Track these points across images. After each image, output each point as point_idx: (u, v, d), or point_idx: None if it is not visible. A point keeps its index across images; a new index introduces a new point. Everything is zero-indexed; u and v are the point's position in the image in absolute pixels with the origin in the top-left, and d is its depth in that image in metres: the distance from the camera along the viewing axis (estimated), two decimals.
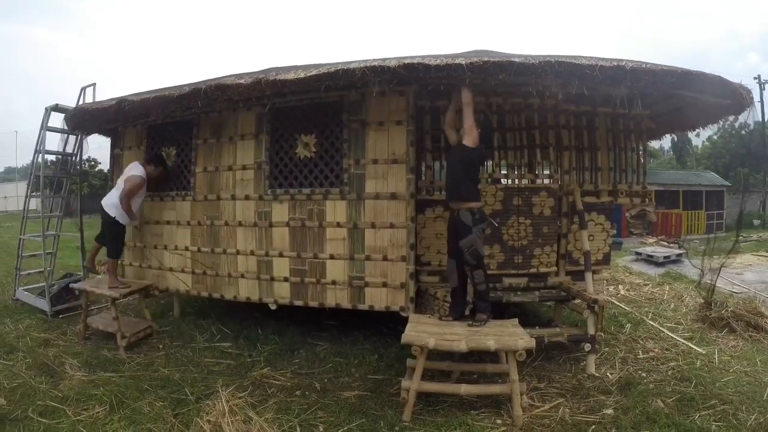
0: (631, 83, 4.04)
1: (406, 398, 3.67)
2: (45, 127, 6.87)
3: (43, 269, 6.78)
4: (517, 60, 3.99)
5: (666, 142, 36.97)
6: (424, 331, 3.87)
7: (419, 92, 4.60)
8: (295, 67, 4.82)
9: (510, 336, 3.80)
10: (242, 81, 4.64)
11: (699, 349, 5.04)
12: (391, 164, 4.76)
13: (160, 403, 3.89)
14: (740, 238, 16.87)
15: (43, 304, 6.44)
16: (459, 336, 3.79)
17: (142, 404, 3.86)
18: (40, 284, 6.88)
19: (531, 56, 4.15)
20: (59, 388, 4.18)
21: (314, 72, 4.36)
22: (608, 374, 4.44)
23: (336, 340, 5.21)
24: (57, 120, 6.89)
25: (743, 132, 33.16)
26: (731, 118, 5.40)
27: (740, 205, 19.99)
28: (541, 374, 4.43)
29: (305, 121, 5.05)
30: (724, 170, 29.46)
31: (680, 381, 4.28)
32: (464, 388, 3.78)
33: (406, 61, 4.10)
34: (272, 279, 5.20)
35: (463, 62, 3.98)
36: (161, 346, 5.22)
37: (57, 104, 6.89)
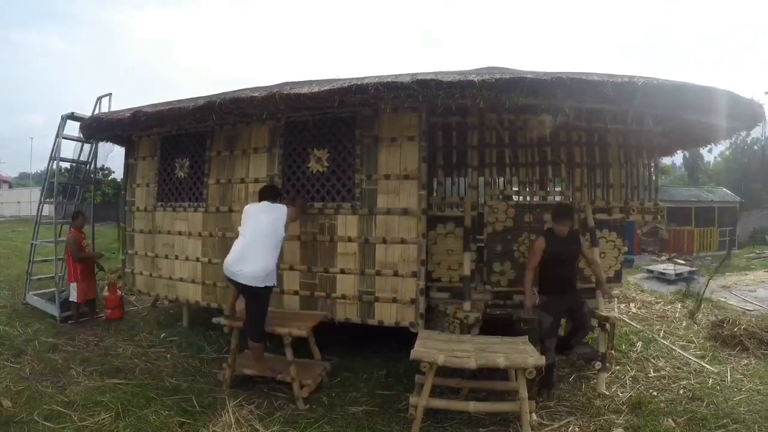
0: (642, 99, 4.03)
1: (414, 414, 3.65)
2: (60, 135, 6.98)
3: (53, 275, 6.87)
4: (528, 77, 4.01)
5: (678, 158, 36.78)
6: (434, 347, 3.84)
7: (432, 109, 4.61)
8: (309, 82, 4.87)
9: (520, 353, 3.77)
10: (257, 95, 4.70)
11: (711, 368, 4.98)
12: (403, 180, 4.76)
13: (167, 412, 3.91)
14: (753, 254, 16.75)
15: (53, 309, 6.52)
16: (468, 353, 3.77)
17: (148, 412, 3.89)
18: (51, 289, 6.96)
19: (543, 73, 4.17)
20: (65, 393, 4.22)
21: (328, 87, 4.41)
22: (619, 393, 4.39)
23: (345, 354, 5.19)
24: (72, 128, 7.01)
25: (756, 147, 32.94)
26: (743, 133, 5.38)
27: (737, 223, 19.74)
28: (551, 392, 4.38)
29: (318, 135, 5.08)
30: (737, 186, 29.13)
31: (692, 400, 4.23)
32: (473, 405, 3.77)
33: (419, 77, 4.14)
34: (282, 292, 5.20)
35: (476, 79, 4.01)
36: (169, 356, 5.25)
37: (73, 113, 7.01)
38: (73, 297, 6.33)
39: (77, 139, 7.20)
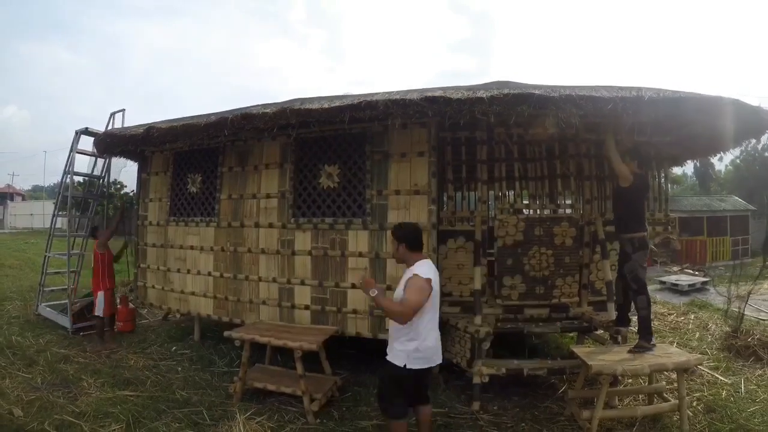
0: (649, 112, 4.03)
1: (590, 428, 3.72)
2: (74, 150, 7.09)
3: (66, 287, 6.95)
4: (537, 93, 4.01)
5: (689, 167, 36.38)
6: (604, 359, 3.94)
7: (441, 124, 4.62)
8: (320, 98, 4.91)
9: (678, 355, 4.09)
10: (268, 111, 4.76)
11: (725, 379, 4.95)
12: (413, 195, 4.78)
13: (177, 424, 3.94)
14: (767, 263, 16.44)
15: (65, 320, 6.59)
16: (635, 361, 3.92)
17: (159, 424, 3.92)
18: (63, 301, 7.04)
19: (551, 87, 4.18)
20: (77, 404, 4.27)
21: (338, 103, 4.46)
22: (632, 406, 4.36)
23: (355, 369, 5.17)
24: (86, 143, 7.12)
25: (766, 154, 32.56)
26: (753, 140, 5.35)
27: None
28: (561, 405, 4.35)
29: (329, 151, 5.14)
30: (749, 194, 28.72)
31: (706, 412, 4.21)
32: (640, 411, 4.00)
33: (428, 94, 4.16)
34: (293, 306, 5.24)
35: (484, 95, 4.03)
36: (180, 369, 5.27)
37: (87, 128, 7.12)
38: (99, 311, 6.11)
39: (91, 154, 7.32)
